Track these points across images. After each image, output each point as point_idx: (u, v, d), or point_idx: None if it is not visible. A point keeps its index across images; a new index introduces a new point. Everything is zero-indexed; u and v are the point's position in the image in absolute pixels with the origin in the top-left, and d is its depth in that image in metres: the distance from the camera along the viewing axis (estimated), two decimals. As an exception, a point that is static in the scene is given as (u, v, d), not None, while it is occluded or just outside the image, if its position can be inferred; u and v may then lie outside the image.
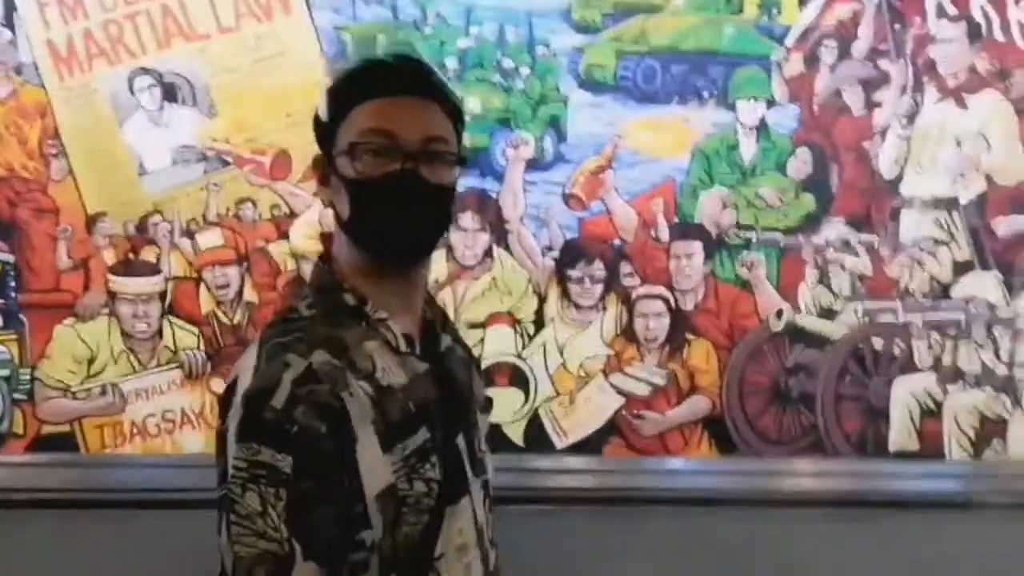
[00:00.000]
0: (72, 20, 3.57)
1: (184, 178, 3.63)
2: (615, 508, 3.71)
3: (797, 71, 3.82)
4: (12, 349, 3.62)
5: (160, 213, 3.62)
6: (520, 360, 3.75)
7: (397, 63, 1.83)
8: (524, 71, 3.72)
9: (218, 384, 3.66)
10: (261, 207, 3.66)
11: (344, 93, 1.78)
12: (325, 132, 1.79)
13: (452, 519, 1.76)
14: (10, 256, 3.61)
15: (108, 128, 3.59)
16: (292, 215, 3.66)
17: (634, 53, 3.75)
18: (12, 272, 3.60)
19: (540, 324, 3.78)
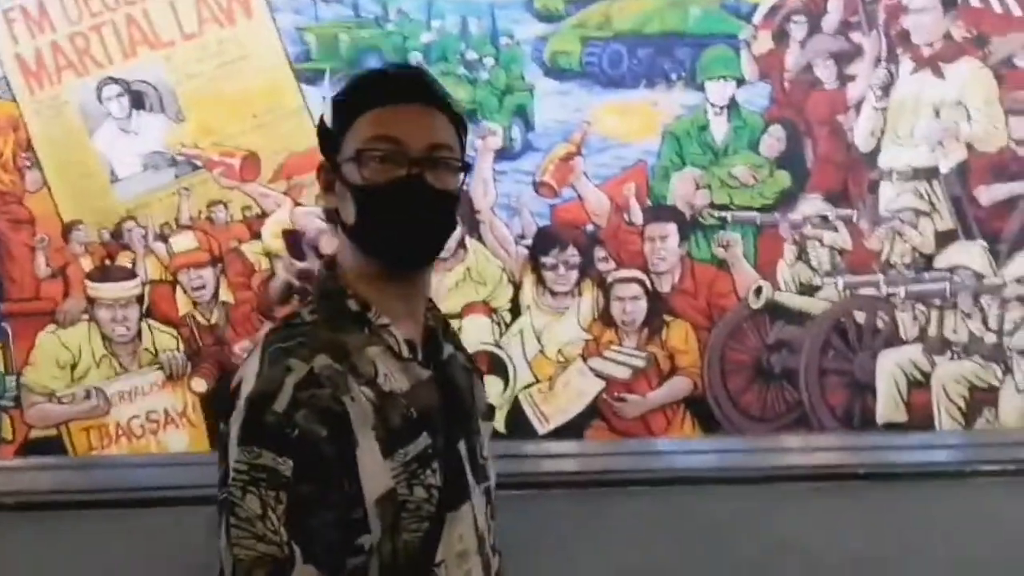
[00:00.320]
0: (39, 34, 3.63)
1: (155, 183, 3.69)
2: (599, 491, 3.73)
3: (766, 48, 3.80)
4: (-3, 358, 3.72)
5: (134, 219, 3.68)
6: (498, 348, 3.77)
7: (401, 72, 1.86)
8: (488, 62, 3.72)
9: (199, 384, 3.74)
10: (232, 209, 3.70)
11: (350, 101, 1.78)
12: (330, 140, 1.80)
13: (453, 525, 1.75)
14: (-10, 268, 3.70)
15: (79, 138, 3.66)
16: (263, 215, 3.71)
17: (599, 38, 3.74)
18: (-7, 283, 3.70)
19: (516, 312, 3.80)
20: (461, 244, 3.73)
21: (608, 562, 3.64)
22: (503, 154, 3.73)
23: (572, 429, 3.83)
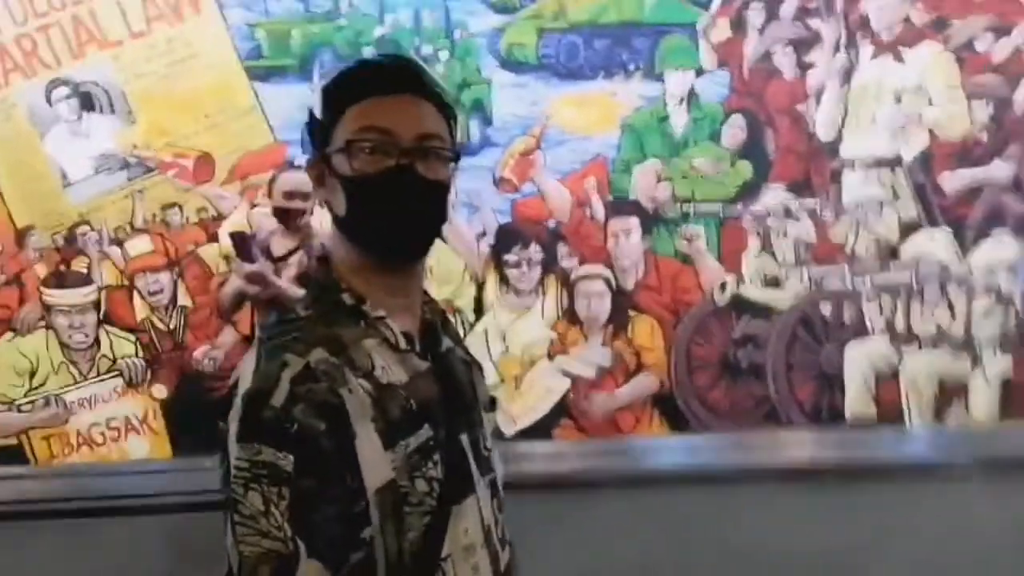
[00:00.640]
0: (-15, 37, 3.60)
1: (108, 186, 3.65)
2: (569, 491, 3.67)
3: (724, 36, 3.77)
4: (-46, 367, 3.66)
5: (87, 223, 3.64)
6: (462, 348, 3.72)
7: (391, 63, 1.83)
8: (443, 55, 3.69)
9: (160, 391, 3.69)
10: (188, 211, 3.67)
11: (339, 93, 1.77)
12: (320, 132, 1.78)
13: (458, 519, 1.73)
14: (-55, 277, 3.65)
15: (29, 141, 3.62)
16: (220, 217, 3.67)
17: (555, 30, 3.71)
18: (-52, 292, 3.64)
19: (480, 311, 3.76)
20: (423, 243, 3.68)
21: (578, 563, 3.58)
22: (461, 149, 3.68)
23: (540, 429, 3.79)
